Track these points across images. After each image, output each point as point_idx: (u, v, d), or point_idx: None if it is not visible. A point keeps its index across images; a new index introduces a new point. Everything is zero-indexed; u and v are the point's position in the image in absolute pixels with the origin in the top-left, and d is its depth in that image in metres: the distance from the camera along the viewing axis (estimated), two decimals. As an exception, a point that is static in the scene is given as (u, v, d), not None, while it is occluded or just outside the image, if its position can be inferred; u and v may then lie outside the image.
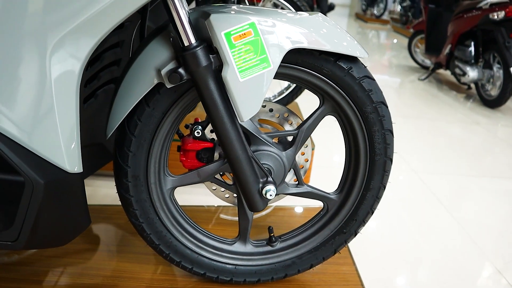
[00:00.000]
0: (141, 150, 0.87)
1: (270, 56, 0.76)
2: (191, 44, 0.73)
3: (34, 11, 0.59)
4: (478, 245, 1.49)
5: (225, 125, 0.80)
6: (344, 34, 0.85)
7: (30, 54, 0.61)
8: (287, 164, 0.97)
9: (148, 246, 0.99)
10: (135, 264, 1.12)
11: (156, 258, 1.15)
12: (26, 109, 0.64)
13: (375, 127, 0.93)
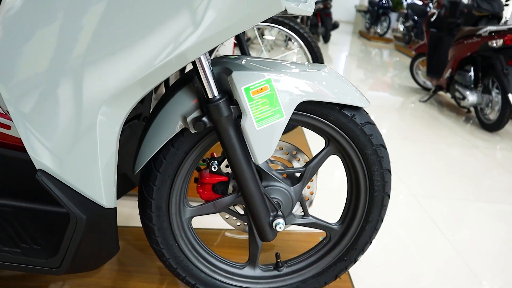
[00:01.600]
0: (165, 184, 0.97)
1: (283, 108, 0.87)
2: (215, 97, 0.84)
3: (90, 74, 0.70)
4: (472, 270, 1.58)
5: (242, 166, 0.90)
6: (349, 85, 0.96)
7: (82, 108, 0.72)
8: (295, 198, 1.07)
9: (166, 269, 1.09)
10: (151, 284, 1.22)
11: (170, 279, 1.24)
12: (74, 155, 0.75)
13: (375, 167, 1.03)
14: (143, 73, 0.71)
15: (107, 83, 0.70)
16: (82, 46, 0.67)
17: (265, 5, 0.70)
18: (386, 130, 3.36)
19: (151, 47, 0.69)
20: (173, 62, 0.71)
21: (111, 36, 0.67)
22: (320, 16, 8.15)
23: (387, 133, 3.27)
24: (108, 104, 0.73)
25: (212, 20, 0.69)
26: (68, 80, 0.70)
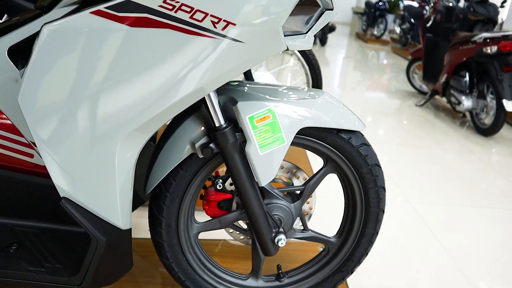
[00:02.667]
0: (174, 203, 1.04)
1: (284, 134, 0.94)
2: (221, 125, 0.91)
3: (111, 108, 0.76)
4: (465, 276, 1.65)
5: (246, 188, 0.97)
6: (345, 110, 1.02)
7: (103, 141, 0.79)
8: (295, 214, 1.14)
9: (175, 281, 1.15)
10: (160, 294, 1.29)
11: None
12: (95, 183, 0.81)
13: (370, 185, 1.10)
14: (160, 108, 0.77)
15: (127, 117, 0.77)
16: (103, 82, 0.74)
17: (269, 46, 0.76)
18: (383, 135, 3.43)
19: (168, 85, 0.75)
20: (187, 99, 0.78)
21: (131, 74, 0.74)
22: (318, 19, 8.19)
23: (383, 138, 3.34)
24: (127, 137, 0.79)
25: (223, 62, 0.75)
26: (90, 114, 0.76)
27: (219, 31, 0.72)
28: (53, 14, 0.80)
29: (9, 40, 0.82)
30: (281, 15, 0.75)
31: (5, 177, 0.91)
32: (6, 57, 0.82)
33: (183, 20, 0.70)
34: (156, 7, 0.69)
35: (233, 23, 0.72)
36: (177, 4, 0.69)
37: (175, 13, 0.70)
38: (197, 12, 0.70)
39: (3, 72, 0.84)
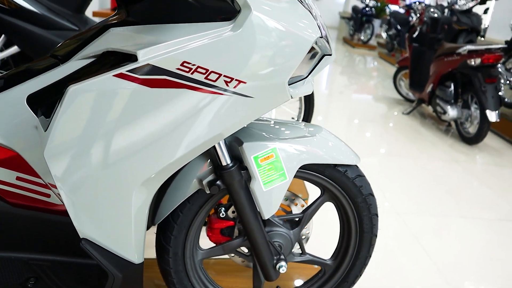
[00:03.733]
0: (181, 234, 1.10)
1: (286, 172, 1.01)
2: (228, 164, 0.97)
3: (130, 160, 0.82)
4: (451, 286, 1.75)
5: (250, 221, 1.04)
6: (342, 145, 1.10)
7: (121, 188, 0.84)
8: (294, 240, 1.20)
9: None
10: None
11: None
12: (113, 224, 0.87)
13: (364, 213, 1.18)
14: (176, 157, 0.83)
15: (145, 166, 0.83)
16: (123, 136, 0.80)
17: (276, 98, 0.83)
18: (371, 143, 3.52)
19: (183, 138, 0.81)
20: (199, 148, 0.84)
21: (150, 128, 0.80)
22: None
23: (371, 148, 3.43)
24: (143, 184, 0.85)
25: (234, 115, 0.82)
26: (110, 164, 0.82)
27: (231, 89, 0.79)
28: (70, 65, 0.85)
29: (28, 89, 0.88)
30: (288, 70, 0.81)
31: (22, 215, 0.96)
32: (26, 105, 0.87)
33: (199, 80, 0.77)
34: (174, 69, 0.75)
35: (244, 81, 0.78)
36: (193, 67, 0.75)
37: (191, 74, 0.76)
38: (211, 73, 0.76)
39: (23, 119, 0.89)
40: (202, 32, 0.76)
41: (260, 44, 0.76)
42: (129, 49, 0.76)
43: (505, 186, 2.98)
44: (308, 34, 0.80)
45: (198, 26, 0.76)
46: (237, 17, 0.76)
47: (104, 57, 0.82)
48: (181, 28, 0.76)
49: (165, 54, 0.74)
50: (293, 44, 0.79)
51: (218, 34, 0.75)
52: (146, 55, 0.74)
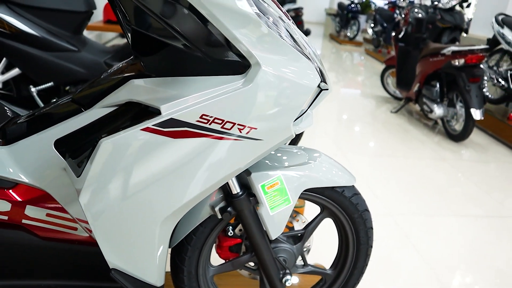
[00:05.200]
0: (194, 254, 1.20)
1: (290, 196, 1.11)
2: (238, 193, 1.07)
3: (155, 199, 0.91)
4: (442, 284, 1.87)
5: (258, 241, 1.14)
6: (339, 168, 1.20)
7: (147, 224, 0.93)
8: (297, 254, 1.31)
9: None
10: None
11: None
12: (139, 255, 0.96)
13: (360, 227, 1.29)
14: (195, 194, 0.93)
15: (168, 204, 0.92)
16: (150, 180, 0.89)
17: (282, 138, 0.93)
18: (360, 146, 3.64)
19: (202, 177, 0.91)
20: (215, 185, 0.94)
21: (173, 173, 0.89)
22: (293, 23, 8.38)
23: (361, 149, 3.55)
24: (167, 218, 0.95)
25: (246, 156, 0.91)
26: (138, 204, 0.90)
27: (244, 135, 0.88)
28: (94, 113, 0.94)
29: (55, 134, 0.96)
30: (293, 114, 0.91)
31: (51, 247, 1.05)
32: (54, 149, 0.96)
33: (216, 130, 0.86)
34: (194, 122, 0.85)
35: (255, 127, 0.88)
36: (211, 118, 0.85)
37: (209, 125, 0.85)
38: (226, 123, 0.86)
39: (51, 162, 0.97)
40: (217, 87, 0.85)
41: (269, 95, 0.86)
42: (152, 103, 0.85)
43: (491, 183, 3.13)
44: (311, 82, 0.90)
45: (212, 79, 0.86)
46: (248, 72, 0.86)
47: (127, 107, 0.91)
48: (197, 82, 0.86)
49: (185, 108, 0.83)
50: (298, 92, 0.89)
51: (232, 88, 0.85)
52: (168, 109, 0.83)
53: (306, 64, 0.91)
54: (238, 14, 0.81)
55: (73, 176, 0.92)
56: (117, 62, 2.27)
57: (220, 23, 0.80)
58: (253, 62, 0.85)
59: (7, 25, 2.05)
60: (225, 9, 0.79)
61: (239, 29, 0.82)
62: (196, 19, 0.80)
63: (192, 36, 0.82)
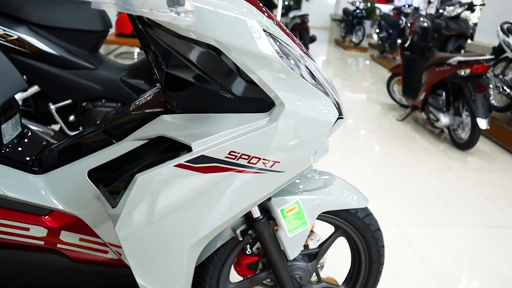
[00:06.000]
0: (215, 273, 1.26)
1: (307, 219, 1.17)
2: (258, 216, 1.13)
3: (185, 229, 0.98)
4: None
5: (276, 260, 1.20)
6: (353, 191, 1.26)
7: (177, 249, 0.99)
8: (312, 271, 1.37)
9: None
10: None
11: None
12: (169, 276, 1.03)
13: (372, 246, 1.35)
14: (221, 222, 0.99)
15: (197, 231, 0.98)
16: (181, 211, 0.95)
17: (302, 168, 0.99)
18: (366, 154, 3.69)
19: (229, 207, 0.97)
20: (241, 213, 1.00)
21: (203, 203, 0.95)
22: (298, 30, 8.47)
23: (367, 158, 3.60)
24: (193, 245, 1.01)
25: (269, 187, 0.98)
26: (170, 232, 0.97)
27: (268, 168, 0.95)
28: (125, 145, 1.01)
29: (88, 164, 1.03)
30: (314, 147, 0.98)
31: (82, 269, 1.12)
32: (87, 178, 1.03)
33: (243, 164, 0.93)
34: (223, 158, 0.91)
35: (278, 161, 0.95)
36: (238, 154, 0.91)
37: (237, 160, 0.92)
38: (253, 158, 0.92)
39: (85, 190, 1.04)
40: (243, 124, 0.92)
41: (292, 132, 0.92)
42: (183, 140, 0.92)
43: (496, 192, 3.17)
44: (329, 118, 0.96)
45: (239, 117, 0.92)
46: (273, 111, 0.92)
47: (158, 141, 0.97)
48: (224, 120, 0.92)
49: (214, 146, 0.90)
50: (318, 127, 0.95)
51: (257, 126, 0.92)
52: (199, 147, 0.90)
53: (325, 101, 0.97)
54: (263, 58, 0.87)
55: (107, 206, 0.99)
56: (132, 79, 2.34)
57: (247, 66, 0.87)
58: (277, 102, 0.92)
59: (27, 45, 2.12)
60: (250, 54, 0.86)
61: (264, 71, 0.88)
62: (224, 63, 0.87)
63: (220, 77, 0.88)
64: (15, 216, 1.02)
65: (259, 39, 0.85)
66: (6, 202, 1.02)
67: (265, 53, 0.87)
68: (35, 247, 1.06)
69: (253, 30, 0.85)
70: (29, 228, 1.04)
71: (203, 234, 0.99)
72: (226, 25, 0.83)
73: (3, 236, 1.03)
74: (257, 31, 0.86)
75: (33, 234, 1.05)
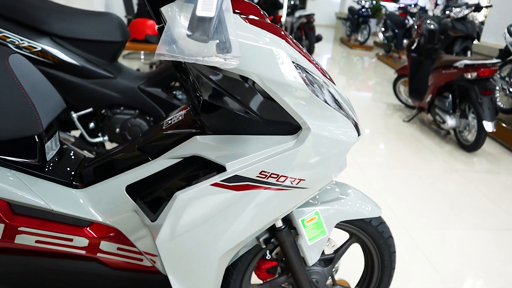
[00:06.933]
0: (238, 277, 1.35)
1: (326, 229, 1.26)
2: (281, 226, 1.22)
3: (221, 240, 1.07)
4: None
5: (296, 266, 1.29)
6: (367, 201, 1.35)
7: (211, 258, 1.08)
8: (327, 275, 1.46)
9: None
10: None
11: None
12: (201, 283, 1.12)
13: (385, 251, 1.43)
14: (248, 235, 1.08)
15: (230, 241, 1.07)
16: (215, 224, 1.04)
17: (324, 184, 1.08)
18: (373, 157, 3.77)
19: (258, 220, 1.07)
20: (268, 224, 1.09)
21: (235, 217, 1.05)
22: (304, 30, 8.53)
23: (374, 161, 3.68)
24: (224, 253, 1.10)
25: (295, 201, 1.07)
26: (204, 243, 1.06)
27: (294, 185, 1.04)
28: (161, 163, 1.09)
29: (126, 180, 1.12)
30: (336, 165, 1.06)
31: (119, 276, 1.21)
32: (125, 193, 1.12)
33: (272, 183, 1.02)
34: (254, 177, 1.00)
35: (304, 179, 1.04)
36: (268, 173, 1.00)
37: (267, 179, 1.01)
38: (281, 177, 1.01)
39: (123, 204, 1.13)
40: (272, 146, 1.01)
41: (316, 152, 1.01)
42: (217, 160, 1.01)
43: (502, 194, 3.24)
44: (350, 139, 1.05)
45: (268, 139, 1.01)
46: (300, 134, 1.01)
47: (191, 160, 1.06)
48: (255, 142, 1.01)
49: (247, 166, 0.99)
50: (340, 148, 1.04)
51: (285, 148, 1.01)
52: (232, 167, 0.99)
53: (346, 123, 1.06)
54: (291, 86, 0.95)
55: (145, 219, 1.08)
56: (149, 88, 2.43)
57: (276, 94, 0.95)
58: (304, 126, 1.00)
59: (50, 56, 2.22)
60: (280, 83, 0.94)
61: (292, 98, 0.97)
62: (255, 90, 0.95)
63: (250, 103, 0.97)
64: (59, 228, 1.12)
65: (288, 70, 0.94)
66: (51, 215, 1.11)
67: (294, 83, 0.96)
68: (77, 255, 1.16)
69: (283, 62, 0.94)
70: (72, 239, 1.13)
71: (234, 244, 1.08)
72: (260, 58, 0.92)
73: (49, 246, 1.12)
74: (287, 63, 0.95)
75: (76, 244, 1.14)
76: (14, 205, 1.08)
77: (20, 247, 1.11)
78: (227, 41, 0.71)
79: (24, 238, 1.10)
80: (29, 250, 1.12)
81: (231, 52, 0.72)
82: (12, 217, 1.08)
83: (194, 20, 0.67)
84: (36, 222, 1.10)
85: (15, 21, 2.15)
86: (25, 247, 1.11)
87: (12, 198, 1.06)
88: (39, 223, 1.10)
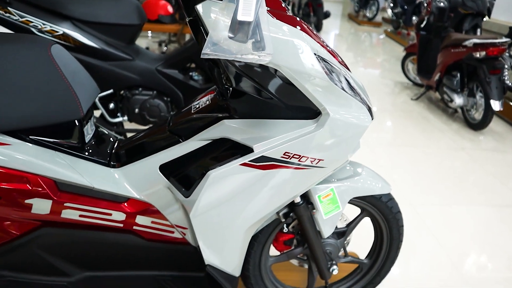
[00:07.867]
0: (259, 248, 1.47)
1: (340, 204, 1.37)
2: (299, 202, 1.34)
3: (248, 214, 1.20)
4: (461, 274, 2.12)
5: (313, 239, 1.41)
6: (378, 178, 1.45)
7: (237, 230, 1.21)
8: (340, 247, 1.58)
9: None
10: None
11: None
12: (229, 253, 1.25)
13: (394, 225, 1.55)
14: (272, 209, 1.20)
15: (255, 216, 1.20)
16: (244, 200, 1.16)
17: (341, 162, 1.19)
18: (381, 134, 3.85)
19: (281, 196, 1.19)
20: (289, 200, 1.21)
21: (262, 195, 1.16)
22: (312, 6, 8.48)
23: (381, 138, 3.76)
24: (250, 227, 1.22)
25: (315, 178, 1.20)
26: (232, 217, 1.18)
27: (313, 165, 1.14)
28: (191, 144, 1.20)
29: (159, 160, 1.23)
30: (352, 147, 1.17)
31: (152, 247, 1.33)
32: (159, 172, 1.23)
33: (295, 162, 1.13)
34: (279, 157, 1.11)
35: (322, 159, 1.14)
36: (291, 154, 1.11)
37: (290, 159, 1.12)
38: (302, 157, 1.12)
39: (157, 182, 1.24)
40: (295, 130, 1.11)
41: (334, 135, 1.12)
42: (245, 142, 1.11)
43: (508, 172, 3.33)
44: (365, 122, 1.15)
45: (291, 123, 1.11)
46: (320, 119, 1.11)
47: (220, 141, 1.17)
48: (279, 125, 1.11)
49: (272, 148, 1.10)
50: (356, 131, 1.15)
51: (307, 131, 1.11)
52: (259, 149, 1.10)
53: (361, 108, 1.16)
54: (313, 76, 1.05)
55: (179, 195, 1.19)
56: (167, 69, 2.52)
57: (298, 82, 1.05)
58: (323, 112, 1.10)
59: (72, 40, 2.30)
60: (303, 73, 1.04)
61: (313, 86, 1.06)
62: (279, 80, 1.05)
63: (275, 91, 1.06)
64: (100, 203, 1.24)
65: (309, 61, 1.04)
66: (92, 192, 1.23)
67: (314, 72, 1.05)
68: (115, 228, 1.28)
69: (304, 52, 1.03)
70: (111, 213, 1.25)
71: (259, 218, 1.20)
72: (286, 50, 1.01)
73: (91, 220, 1.24)
74: (308, 54, 1.04)
75: (114, 218, 1.26)
76: (60, 183, 1.20)
77: (66, 220, 1.23)
78: (262, 40, 0.81)
79: (69, 213, 1.22)
80: (73, 224, 1.25)
81: (265, 49, 0.81)
82: (59, 194, 1.20)
83: (235, 24, 0.76)
84: (79, 198, 1.22)
85: (38, 6, 2.23)
86: (70, 221, 1.23)
87: (59, 177, 1.17)
88: (82, 199, 1.22)
